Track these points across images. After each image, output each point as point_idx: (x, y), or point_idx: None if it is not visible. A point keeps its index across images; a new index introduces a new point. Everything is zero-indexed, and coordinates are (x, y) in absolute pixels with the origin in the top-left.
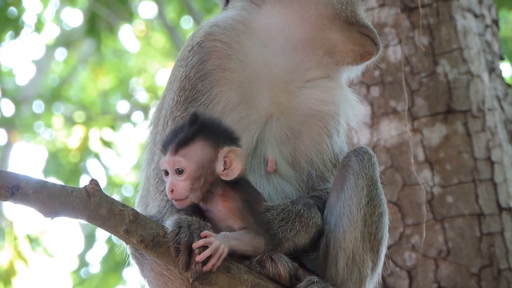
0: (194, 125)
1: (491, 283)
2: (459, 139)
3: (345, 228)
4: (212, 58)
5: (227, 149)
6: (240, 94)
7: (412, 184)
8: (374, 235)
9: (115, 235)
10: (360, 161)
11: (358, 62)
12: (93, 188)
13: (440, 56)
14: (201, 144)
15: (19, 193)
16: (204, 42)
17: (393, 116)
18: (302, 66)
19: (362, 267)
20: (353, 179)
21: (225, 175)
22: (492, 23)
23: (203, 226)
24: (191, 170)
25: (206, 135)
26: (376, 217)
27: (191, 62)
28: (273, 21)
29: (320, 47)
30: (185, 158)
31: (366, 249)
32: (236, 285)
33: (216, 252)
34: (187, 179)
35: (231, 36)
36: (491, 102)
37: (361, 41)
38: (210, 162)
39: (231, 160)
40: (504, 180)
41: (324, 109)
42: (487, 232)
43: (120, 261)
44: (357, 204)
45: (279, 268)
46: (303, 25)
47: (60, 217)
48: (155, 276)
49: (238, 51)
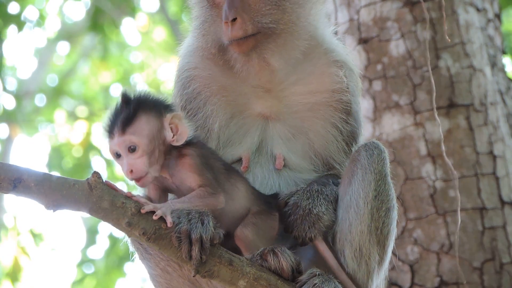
0: (131, 103)
1: (493, 277)
2: (462, 133)
3: (352, 221)
4: (192, 83)
5: (170, 116)
6: (231, 108)
7: (414, 178)
8: (381, 230)
9: (117, 228)
10: (370, 156)
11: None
12: (95, 180)
13: (443, 50)
14: (145, 117)
15: (21, 186)
16: (182, 72)
17: (395, 110)
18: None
19: (369, 260)
20: (361, 174)
21: (176, 141)
22: (494, 17)
23: (201, 214)
24: (145, 144)
25: (146, 109)
26: (383, 211)
27: (177, 86)
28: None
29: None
30: (135, 135)
31: (373, 243)
32: (238, 277)
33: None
34: (142, 155)
35: (202, 61)
36: (493, 96)
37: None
38: (159, 132)
39: (176, 125)
40: (506, 174)
41: (316, 100)
42: (489, 226)
43: (123, 256)
44: (364, 198)
45: (281, 262)
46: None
47: (62, 210)
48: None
49: (212, 74)
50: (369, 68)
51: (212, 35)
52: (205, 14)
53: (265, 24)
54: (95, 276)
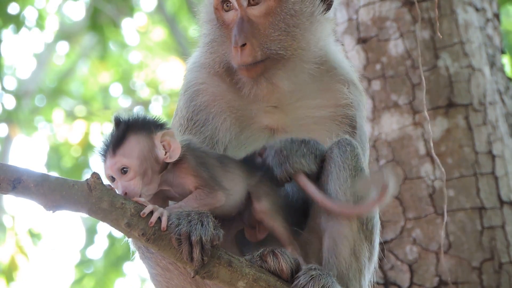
0: (121, 125)
1: (492, 277)
2: (460, 133)
3: (339, 220)
4: (200, 96)
5: (160, 134)
6: (239, 122)
7: (413, 178)
8: (366, 225)
9: (116, 228)
10: (343, 153)
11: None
12: (94, 181)
13: (442, 50)
14: (135, 138)
15: (20, 186)
16: (190, 86)
17: (394, 110)
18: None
19: (359, 257)
20: (335, 172)
21: (169, 158)
22: (493, 16)
23: (201, 216)
24: (136, 165)
25: (136, 129)
26: None
27: (183, 98)
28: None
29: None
30: (125, 157)
31: (362, 239)
32: (238, 278)
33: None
34: (134, 176)
35: (209, 77)
36: (492, 96)
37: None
38: (150, 152)
39: (168, 142)
40: (505, 173)
41: (322, 114)
42: (488, 225)
43: (122, 256)
44: (343, 196)
45: (281, 263)
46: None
47: (62, 210)
48: (160, 271)
49: (220, 91)
50: (368, 68)
51: (220, 55)
52: (214, 33)
53: (274, 50)
54: (94, 276)
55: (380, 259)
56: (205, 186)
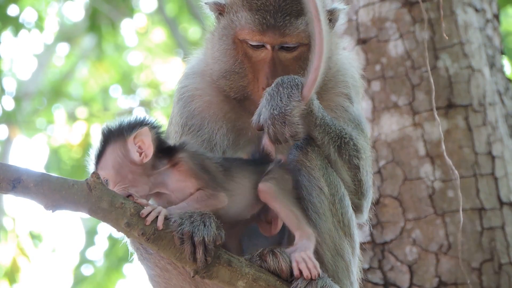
0: (101, 138)
1: (492, 278)
2: (460, 134)
3: (316, 223)
4: (194, 102)
5: (132, 136)
6: (236, 129)
7: (413, 179)
8: (343, 221)
9: (116, 228)
10: (305, 155)
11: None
12: (94, 181)
13: (441, 50)
14: (109, 149)
15: (20, 186)
16: (185, 91)
17: (394, 111)
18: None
19: (343, 255)
20: (306, 176)
21: (145, 157)
22: (493, 17)
23: (203, 216)
24: (112, 176)
25: (111, 140)
26: (338, 203)
27: (178, 104)
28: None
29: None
30: (102, 169)
31: (342, 236)
32: (237, 278)
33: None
34: (115, 184)
35: (207, 86)
36: (492, 96)
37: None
38: (124, 159)
39: (141, 142)
40: (505, 174)
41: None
42: (488, 226)
43: (122, 257)
44: (316, 197)
45: (281, 262)
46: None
47: (62, 210)
48: (158, 272)
49: (216, 99)
50: (367, 69)
51: (239, 87)
52: (234, 65)
53: None
54: (94, 278)
55: (379, 260)
56: (206, 188)
